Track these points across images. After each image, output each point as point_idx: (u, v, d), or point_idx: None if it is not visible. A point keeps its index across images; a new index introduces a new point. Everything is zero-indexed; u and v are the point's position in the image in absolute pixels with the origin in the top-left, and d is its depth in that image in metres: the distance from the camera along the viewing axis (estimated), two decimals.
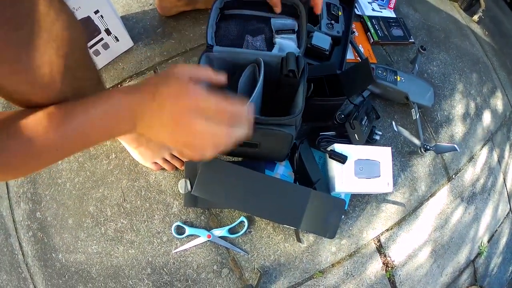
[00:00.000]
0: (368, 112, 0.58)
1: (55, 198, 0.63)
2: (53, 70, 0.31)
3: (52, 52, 0.30)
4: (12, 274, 0.62)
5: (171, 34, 0.69)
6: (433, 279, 0.70)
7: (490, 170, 0.80)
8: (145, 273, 0.58)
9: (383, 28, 0.72)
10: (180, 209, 0.59)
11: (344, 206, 0.52)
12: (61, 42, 0.31)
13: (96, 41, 0.63)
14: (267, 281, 0.58)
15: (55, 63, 0.31)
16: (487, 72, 0.87)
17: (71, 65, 0.35)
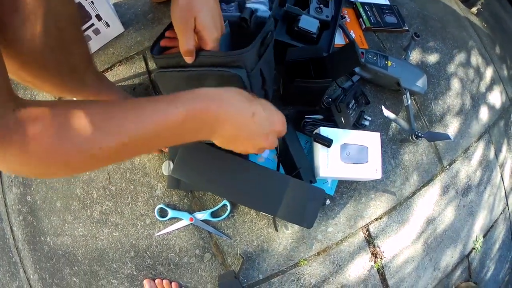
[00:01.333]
0: (357, 97, 0.57)
1: (44, 181, 0.63)
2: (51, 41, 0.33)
3: (49, 25, 0.32)
4: (3, 259, 0.62)
5: (161, 20, 0.69)
6: (425, 272, 0.68)
7: (486, 163, 0.77)
8: (128, 256, 0.58)
9: (376, 15, 0.71)
10: (163, 191, 0.59)
11: (324, 196, 0.50)
12: (58, 15, 0.33)
13: (87, 27, 0.63)
14: (249, 267, 0.57)
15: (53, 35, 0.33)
16: (486, 65, 0.85)
17: (67, 38, 0.36)
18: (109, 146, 0.24)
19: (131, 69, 0.66)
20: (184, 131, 0.28)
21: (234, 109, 0.30)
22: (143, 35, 0.68)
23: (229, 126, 0.30)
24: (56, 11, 0.33)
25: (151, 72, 0.65)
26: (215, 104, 0.29)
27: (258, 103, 0.32)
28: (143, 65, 0.66)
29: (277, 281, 0.57)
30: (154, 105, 0.27)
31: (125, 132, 0.25)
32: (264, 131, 0.33)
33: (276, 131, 0.35)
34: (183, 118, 0.27)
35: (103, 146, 0.24)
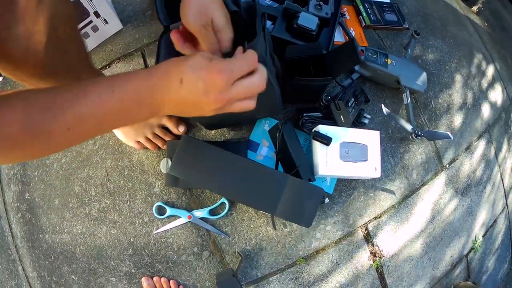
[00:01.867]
0: (356, 94, 0.57)
1: (43, 179, 0.63)
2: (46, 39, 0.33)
3: (45, 22, 0.32)
4: (1, 257, 0.62)
5: None
6: (423, 272, 0.67)
7: (486, 163, 0.77)
8: (126, 254, 0.58)
9: (376, 12, 0.70)
10: (162, 189, 0.59)
11: (322, 194, 0.50)
12: (53, 14, 0.33)
13: (85, 24, 0.63)
14: (248, 266, 0.57)
15: (48, 33, 0.33)
16: (486, 63, 0.85)
17: (62, 37, 0.36)
18: (55, 131, 0.26)
19: (130, 66, 0.66)
20: (124, 112, 0.29)
21: (163, 83, 0.29)
22: (141, 32, 0.67)
23: (166, 100, 0.29)
24: (51, 10, 0.33)
25: None
26: (145, 82, 0.29)
27: (187, 63, 0.29)
28: (142, 62, 0.65)
29: (276, 279, 0.57)
30: (94, 88, 0.27)
31: (69, 116, 0.26)
32: (198, 92, 0.29)
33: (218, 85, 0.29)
34: (119, 102, 0.28)
35: (51, 130, 0.26)
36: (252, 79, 0.30)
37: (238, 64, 0.29)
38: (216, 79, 0.28)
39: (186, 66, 0.29)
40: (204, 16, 0.33)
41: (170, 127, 0.57)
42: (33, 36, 0.32)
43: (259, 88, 0.31)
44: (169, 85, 0.29)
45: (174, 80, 0.29)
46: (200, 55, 0.29)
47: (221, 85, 0.29)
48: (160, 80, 0.29)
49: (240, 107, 0.31)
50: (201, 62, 0.29)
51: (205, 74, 0.28)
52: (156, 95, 0.29)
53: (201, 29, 0.34)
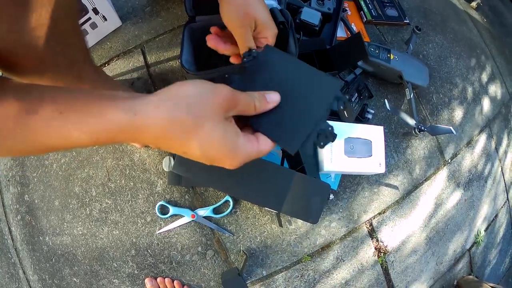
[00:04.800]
0: (360, 90, 0.56)
1: (42, 180, 0.61)
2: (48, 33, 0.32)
3: (46, 16, 0.31)
4: (2, 260, 0.61)
5: (159, 13, 0.67)
6: (427, 266, 0.68)
7: (487, 157, 0.77)
8: (129, 255, 0.57)
9: (377, 8, 0.70)
10: (164, 188, 0.58)
11: (329, 190, 0.49)
12: (55, 7, 0.31)
13: (84, 21, 0.62)
14: (253, 264, 0.56)
15: (49, 26, 0.31)
16: (485, 59, 0.85)
17: (63, 31, 0.35)
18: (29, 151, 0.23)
19: (129, 63, 0.64)
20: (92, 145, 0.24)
21: (155, 143, 0.24)
22: (140, 29, 0.66)
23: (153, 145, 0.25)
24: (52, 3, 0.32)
25: (150, 66, 0.64)
26: (127, 137, 0.23)
27: (196, 142, 0.23)
28: (142, 59, 0.64)
29: (281, 277, 0.57)
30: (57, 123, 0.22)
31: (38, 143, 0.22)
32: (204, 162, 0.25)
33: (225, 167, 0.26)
34: (88, 144, 0.23)
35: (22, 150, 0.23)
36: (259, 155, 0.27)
37: (259, 155, 0.27)
38: (227, 165, 0.25)
39: (196, 146, 0.23)
40: (248, 16, 0.32)
41: None
42: (35, 30, 0.31)
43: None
44: (167, 148, 0.24)
45: (175, 148, 0.24)
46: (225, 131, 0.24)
47: (229, 167, 0.26)
48: (151, 142, 0.23)
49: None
50: (216, 142, 0.24)
51: (218, 161, 0.25)
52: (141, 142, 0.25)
53: (244, 30, 0.32)
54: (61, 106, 0.22)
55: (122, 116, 0.22)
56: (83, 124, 0.22)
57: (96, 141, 0.22)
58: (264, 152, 0.28)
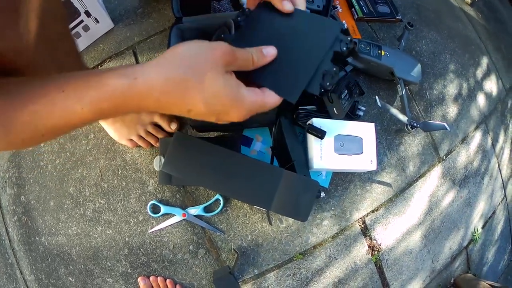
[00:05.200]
0: (350, 87, 0.56)
1: (37, 181, 0.62)
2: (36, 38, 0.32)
3: (35, 21, 0.31)
4: None
5: (150, 14, 0.68)
6: (423, 265, 0.67)
7: (483, 154, 0.77)
8: (122, 254, 0.57)
9: (368, 4, 0.70)
10: (155, 187, 0.58)
11: (318, 188, 0.49)
12: (43, 12, 0.32)
13: (76, 23, 0.62)
14: (244, 263, 0.56)
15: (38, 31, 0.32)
16: (481, 54, 0.84)
17: (52, 35, 0.36)
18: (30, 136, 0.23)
19: (121, 64, 0.65)
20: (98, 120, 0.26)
21: (159, 105, 0.23)
22: (132, 30, 0.67)
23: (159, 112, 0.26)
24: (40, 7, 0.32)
25: None
26: (130, 103, 0.23)
27: (199, 96, 0.23)
28: (133, 60, 0.65)
29: (273, 275, 0.57)
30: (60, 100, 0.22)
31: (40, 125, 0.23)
32: (208, 120, 0.25)
33: (232, 121, 0.26)
34: (90, 117, 0.23)
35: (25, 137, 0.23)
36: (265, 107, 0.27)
37: (266, 106, 0.27)
38: (234, 119, 0.25)
39: (199, 100, 0.23)
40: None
41: (162, 124, 0.57)
42: (23, 36, 0.31)
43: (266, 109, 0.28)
44: (167, 110, 0.24)
45: (179, 108, 0.23)
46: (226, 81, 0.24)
47: (237, 119, 0.26)
48: (155, 105, 0.23)
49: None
50: (222, 95, 0.23)
51: (224, 113, 0.24)
52: (145, 111, 0.25)
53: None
54: (63, 85, 0.22)
55: (123, 81, 0.22)
56: (85, 96, 0.22)
57: (100, 113, 0.22)
58: (269, 104, 0.27)
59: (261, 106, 0.27)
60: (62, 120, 0.23)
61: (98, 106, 0.22)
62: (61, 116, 0.23)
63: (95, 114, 0.23)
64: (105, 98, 0.22)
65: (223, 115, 0.25)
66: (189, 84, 0.23)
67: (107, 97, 0.22)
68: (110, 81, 0.22)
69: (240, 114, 0.25)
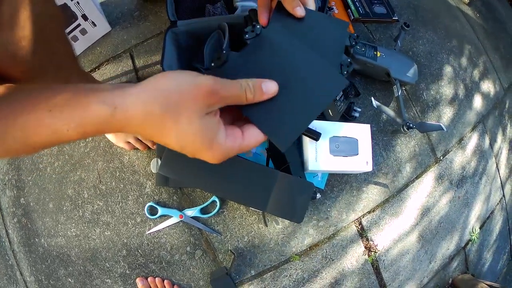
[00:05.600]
0: (345, 88, 0.56)
1: (37, 183, 0.63)
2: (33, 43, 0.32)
3: (31, 27, 0.31)
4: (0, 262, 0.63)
5: (147, 17, 0.68)
6: (420, 265, 0.67)
7: (481, 154, 0.76)
8: (121, 255, 0.58)
9: (365, 5, 0.70)
10: (153, 189, 0.59)
11: (313, 189, 0.50)
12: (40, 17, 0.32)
13: (73, 27, 0.63)
14: (241, 264, 0.56)
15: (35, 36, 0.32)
16: (478, 54, 0.84)
17: (49, 39, 0.36)
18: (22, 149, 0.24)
19: (118, 67, 0.66)
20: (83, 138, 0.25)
21: (138, 132, 0.24)
22: (129, 33, 0.67)
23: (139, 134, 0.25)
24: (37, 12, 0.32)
25: (138, 69, 0.65)
26: (112, 128, 0.23)
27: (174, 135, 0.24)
28: (130, 63, 0.65)
29: (270, 276, 0.57)
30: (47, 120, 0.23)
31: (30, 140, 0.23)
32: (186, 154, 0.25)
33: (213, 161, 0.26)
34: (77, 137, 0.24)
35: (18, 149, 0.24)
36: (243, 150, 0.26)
37: (242, 150, 0.26)
38: (208, 159, 0.25)
39: (174, 139, 0.23)
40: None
41: None
42: (20, 42, 0.32)
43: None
44: (147, 136, 0.24)
45: (156, 139, 0.24)
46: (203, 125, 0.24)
47: (211, 161, 0.25)
48: (134, 131, 0.23)
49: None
50: (197, 142, 0.24)
51: (197, 155, 0.25)
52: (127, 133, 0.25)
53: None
54: (50, 103, 0.23)
55: (104, 109, 0.23)
56: (70, 119, 0.23)
57: (84, 134, 0.23)
58: (247, 147, 0.27)
59: (238, 150, 0.26)
60: (49, 138, 0.24)
61: (82, 129, 0.23)
62: (48, 135, 0.23)
63: (80, 135, 0.24)
64: (89, 123, 0.23)
65: (197, 154, 0.25)
66: (165, 122, 0.23)
67: (90, 122, 0.23)
68: (92, 107, 0.23)
69: (214, 158, 0.25)
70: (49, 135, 0.23)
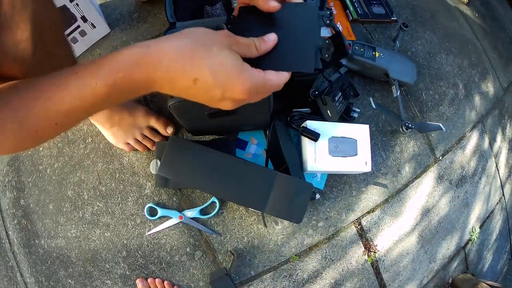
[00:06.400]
0: (344, 89, 0.56)
1: (36, 184, 0.63)
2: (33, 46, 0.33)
3: (31, 29, 0.32)
4: (0, 264, 0.63)
5: (146, 18, 0.69)
6: (420, 265, 0.67)
7: (480, 153, 0.76)
8: (120, 256, 0.58)
9: (363, 6, 0.70)
10: (152, 190, 0.59)
11: (312, 190, 0.50)
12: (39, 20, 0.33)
13: (73, 29, 0.63)
14: (241, 264, 0.57)
15: (34, 39, 0.32)
16: (477, 54, 0.84)
17: (49, 42, 0.36)
18: (44, 127, 0.25)
19: None
20: (111, 101, 0.26)
21: (168, 75, 0.24)
22: (129, 35, 0.68)
23: (166, 89, 0.26)
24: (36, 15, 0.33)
25: None
26: (142, 71, 0.24)
27: (207, 62, 0.24)
28: None
29: (269, 277, 0.57)
30: (74, 81, 0.24)
31: (53, 112, 0.25)
32: (213, 97, 0.26)
33: (237, 99, 0.27)
34: (105, 93, 0.24)
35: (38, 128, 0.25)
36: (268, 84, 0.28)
37: (267, 85, 0.27)
38: (238, 93, 0.26)
39: (205, 65, 0.24)
40: None
41: (158, 128, 0.58)
42: (19, 44, 0.32)
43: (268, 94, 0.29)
44: (176, 82, 0.25)
45: (185, 78, 0.24)
46: (226, 48, 0.26)
47: (241, 99, 0.26)
48: (165, 73, 0.24)
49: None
50: (228, 66, 0.25)
51: (229, 86, 0.25)
52: (154, 88, 0.25)
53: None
54: (77, 68, 0.25)
55: (137, 50, 0.24)
56: (99, 71, 0.24)
57: (114, 86, 0.24)
58: (272, 82, 0.28)
59: (263, 82, 0.27)
60: (75, 102, 0.24)
61: (112, 77, 0.24)
62: (75, 96, 0.24)
63: (109, 88, 0.24)
64: (119, 69, 0.24)
65: (228, 88, 0.26)
66: (197, 52, 0.25)
67: (121, 67, 0.24)
68: (125, 51, 0.24)
69: (244, 87, 0.26)
70: (75, 96, 0.24)
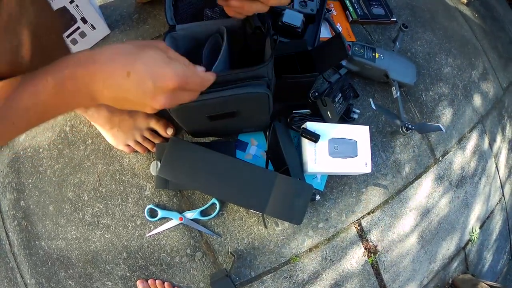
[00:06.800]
0: (344, 90, 0.56)
1: (37, 186, 0.63)
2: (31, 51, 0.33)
3: (29, 35, 0.32)
4: (0, 265, 0.63)
5: (146, 20, 0.68)
6: (420, 266, 0.67)
7: (480, 154, 0.77)
8: (121, 258, 0.58)
9: (363, 7, 0.70)
10: (153, 191, 0.59)
11: (312, 191, 0.50)
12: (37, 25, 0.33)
13: (73, 30, 0.63)
14: (241, 265, 0.57)
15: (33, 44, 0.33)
16: (477, 54, 0.84)
17: (47, 46, 0.37)
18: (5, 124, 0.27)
19: None
20: (61, 101, 0.28)
21: (105, 72, 0.26)
22: (128, 36, 0.68)
23: (105, 90, 0.27)
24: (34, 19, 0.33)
25: None
26: (83, 69, 0.26)
27: (140, 57, 0.27)
28: None
29: (270, 278, 0.57)
30: (31, 76, 0.27)
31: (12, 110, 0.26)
32: (145, 91, 0.27)
33: (168, 89, 0.28)
34: (54, 90, 0.26)
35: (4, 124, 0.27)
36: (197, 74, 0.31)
37: (195, 79, 0.30)
38: (169, 83, 0.27)
39: (138, 60, 0.27)
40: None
41: (158, 130, 0.58)
42: (18, 49, 0.32)
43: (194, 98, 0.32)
44: (112, 77, 0.27)
45: (120, 71, 0.26)
46: (159, 49, 0.29)
47: (172, 90, 0.28)
48: (102, 68, 0.26)
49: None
50: (158, 59, 0.27)
51: (159, 75, 0.27)
52: (94, 86, 0.27)
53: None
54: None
55: (85, 51, 0.27)
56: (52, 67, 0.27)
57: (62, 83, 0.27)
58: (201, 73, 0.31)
59: (194, 72, 0.30)
60: (30, 98, 0.26)
61: (61, 73, 0.27)
62: (30, 92, 0.26)
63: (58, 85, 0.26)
64: (67, 65, 0.27)
65: (158, 77, 0.27)
66: (132, 51, 0.28)
67: (70, 64, 0.27)
68: (75, 53, 0.28)
69: (174, 72, 0.28)
70: (30, 91, 0.26)
